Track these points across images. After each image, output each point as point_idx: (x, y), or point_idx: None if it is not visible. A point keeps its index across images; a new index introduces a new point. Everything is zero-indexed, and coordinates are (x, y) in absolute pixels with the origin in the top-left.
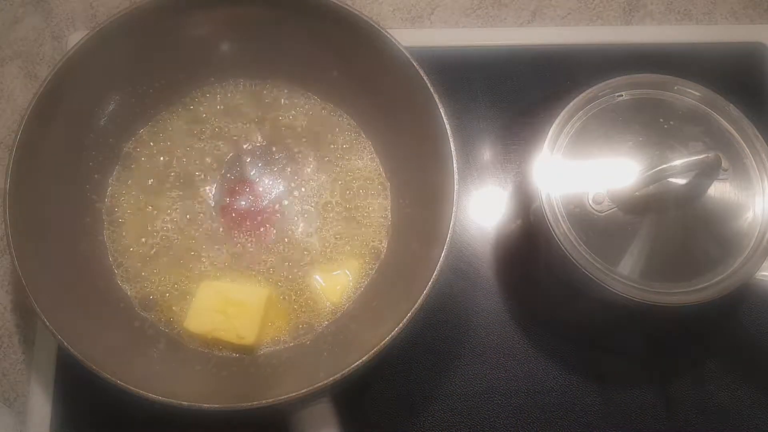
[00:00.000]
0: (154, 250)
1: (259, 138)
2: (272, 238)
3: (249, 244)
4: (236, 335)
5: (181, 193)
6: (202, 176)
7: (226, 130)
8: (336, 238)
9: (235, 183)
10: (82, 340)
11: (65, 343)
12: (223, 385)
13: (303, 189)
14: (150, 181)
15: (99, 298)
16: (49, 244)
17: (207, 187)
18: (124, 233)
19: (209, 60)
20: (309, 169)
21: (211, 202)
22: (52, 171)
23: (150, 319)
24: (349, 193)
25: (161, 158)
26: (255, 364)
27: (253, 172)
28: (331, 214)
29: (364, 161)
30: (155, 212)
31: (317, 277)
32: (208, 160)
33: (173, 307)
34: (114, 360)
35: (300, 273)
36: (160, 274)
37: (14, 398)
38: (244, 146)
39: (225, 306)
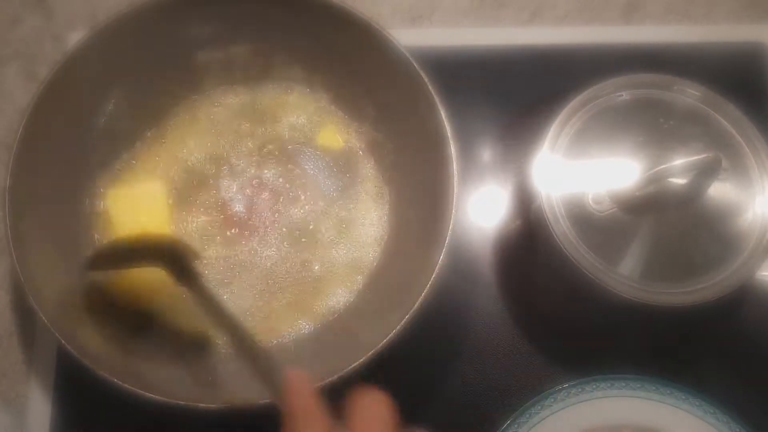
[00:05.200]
0: None
1: (260, 138)
2: (273, 236)
3: (250, 242)
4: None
5: (183, 192)
6: (204, 175)
7: (227, 129)
8: (335, 237)
9: (237, 182)
10: (82, 340)
11: (65, 343)
12: (221, 384)
13: (302, 187)
14: (152, 180)
15: (99, 297)
16: (50, 243)
17: (208, 186)
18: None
19: (209, 59)
20: (308, 168)
21: (212, 200)
22: (53, 170)
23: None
24: (349, 192)
25: (162, 157)
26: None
27: (255, 172)
28: (330, 213)
29: (363, 161)
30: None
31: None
32: (209, 159)
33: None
34: (114, 360)
35: (299, 269)
36: None
37: (14, 398)
38: (245, 146)
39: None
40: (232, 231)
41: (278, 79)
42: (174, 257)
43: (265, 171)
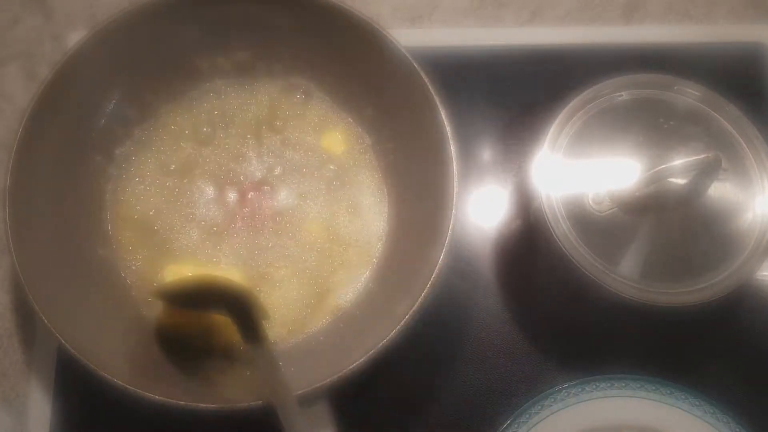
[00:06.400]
0: (157, 249)
1: (260, 138)
2: (272, 236)
3: (250, 241)
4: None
5: (184, 192)
6: (205, 176)
7: (228, 130)
8: (335, 237)
9: (236, 183)
10: (82, 340)
11: (65, 343)
12: (221, 385)
13: (301, 187)
14: (152, 181)
15: (100, 296)
16: (49, 243)
17: (209, 187)
18: (125, 232)
19: (209, 60)
20: (307, 168)
21: (213, 201)
22: (53, 171)
23: (152, 317)
24: (348, 192)
25: (163, 158)
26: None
27: (256, 172)
28: (330, 213)
29: (362, 161)
30: (158, 211)
31: None
32: (210, 159)
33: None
34: (114, 360)
35: (298, 270)
36: (163, 273)
37: (14, 398)
38: (246, 147)
39: None
40: (233, 230)
41: (279, 80)
42: (241, 310)
43: (266, 171)
